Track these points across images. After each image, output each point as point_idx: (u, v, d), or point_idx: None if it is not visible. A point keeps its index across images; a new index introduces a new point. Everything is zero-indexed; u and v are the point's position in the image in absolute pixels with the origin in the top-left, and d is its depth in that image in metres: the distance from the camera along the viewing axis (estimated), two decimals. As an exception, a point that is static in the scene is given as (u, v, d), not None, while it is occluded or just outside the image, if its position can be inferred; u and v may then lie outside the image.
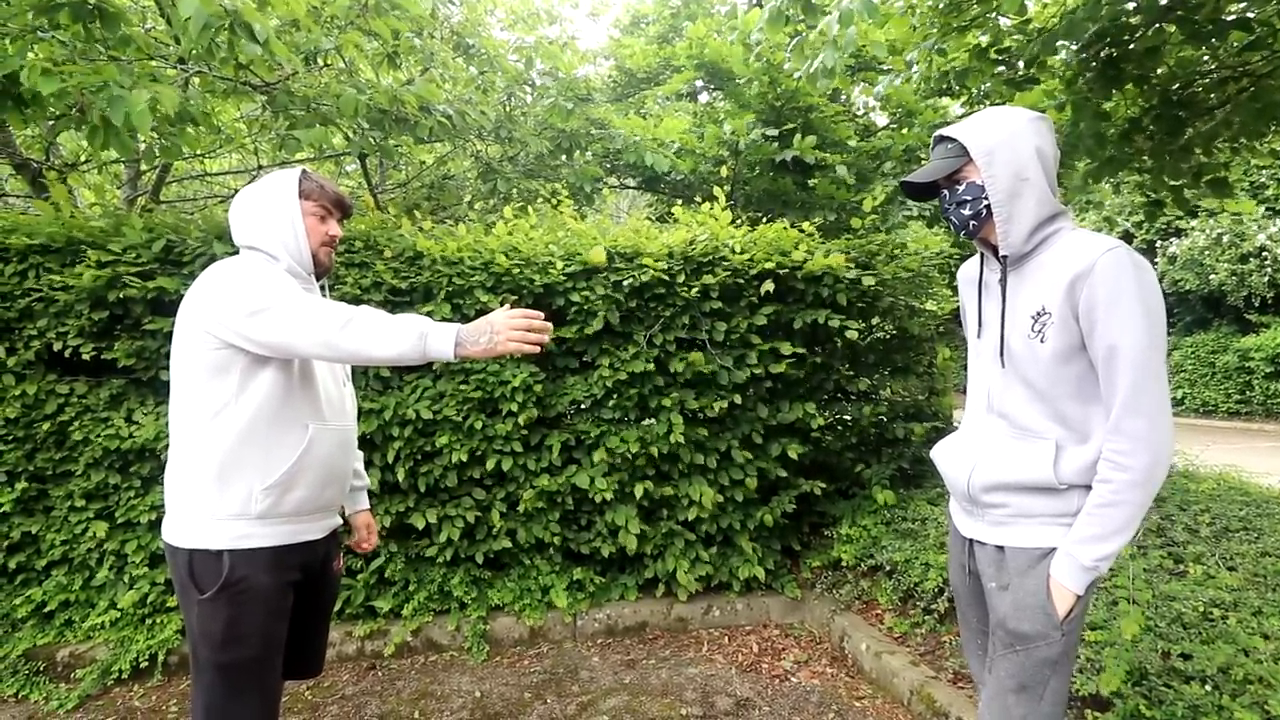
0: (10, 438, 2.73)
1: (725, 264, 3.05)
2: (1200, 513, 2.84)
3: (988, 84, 2.86)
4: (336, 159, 4.38)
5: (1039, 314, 1.30)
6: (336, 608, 2.95)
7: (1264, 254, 12.58)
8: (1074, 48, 2.49)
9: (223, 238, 2.79)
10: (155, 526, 2.83)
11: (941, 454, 1.57)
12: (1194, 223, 13.65)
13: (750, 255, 3.08)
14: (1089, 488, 1.29)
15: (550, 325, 1.42)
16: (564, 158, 4.37)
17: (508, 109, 4.05)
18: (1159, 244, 13.95)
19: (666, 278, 2.97)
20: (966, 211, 1.36)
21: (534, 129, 4.11)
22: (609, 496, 3.03)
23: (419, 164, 4.74)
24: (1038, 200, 1.31)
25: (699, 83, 5.13)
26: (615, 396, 3.06)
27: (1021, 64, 2.66)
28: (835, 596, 3.26)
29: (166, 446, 2.80)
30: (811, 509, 3.56)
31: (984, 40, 2.65)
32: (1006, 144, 1.31)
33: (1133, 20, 2.26)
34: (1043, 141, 1.33)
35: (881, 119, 5.77)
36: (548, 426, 3.12)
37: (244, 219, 1.51)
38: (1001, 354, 1.38)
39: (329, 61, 3.61)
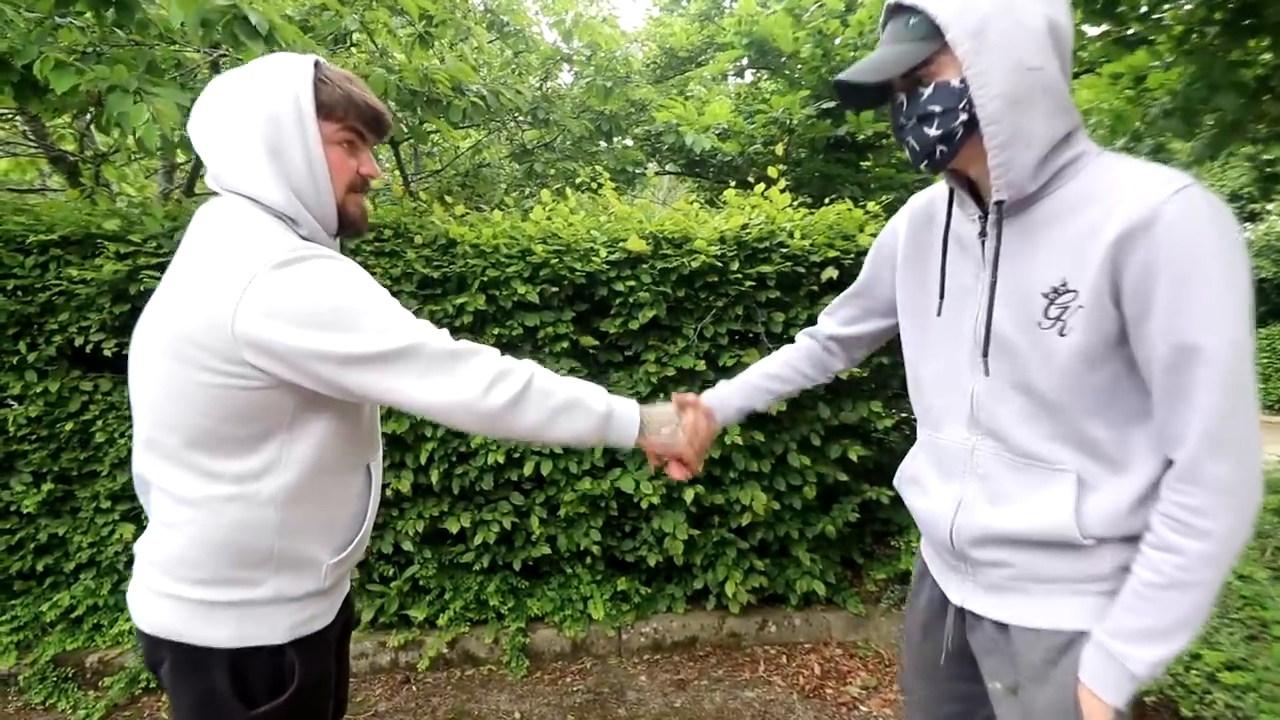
0: (34, 437, 2.63)
1: (783, 250, 2.77)
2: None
3: (1097, 44, 2.50)
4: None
5: (1057, 291, 0.86)
6: (370, 616, 2.80)
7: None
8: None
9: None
10: (182, 531, 2.71)
11: (912, 487, 1.13)
12: (1270, 206, 12.76)
13: (810, 240, 2.80)
14: (1127, 540, 0.89)
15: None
16: (603, 142, 4.15)
17: (544, 90, 3.84)
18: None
19: (719, 264, 2.71)
20: (933, 130, 0.88)
21: (571, 111, 3.89)
22: (655, 501, 2.80)
23: (453, 151, 4.57)
24: (1053, 108, 0.84)
25: (744, 61, 4.84)
26: (662, 395, 2.82)
27: (1135, 17, 2.31)
28: (903, 613, 2.98)
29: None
30: (875, 516, 3.27)
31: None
32: (1004, 14, 0.81)
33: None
34: (1056, 12, 0.84)
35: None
36: (589, 426, 2.90)
37: (225, 148, 0.97)
38: (986, 349, 0.94)
39: (357, 44, 3.44)
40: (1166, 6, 2.21)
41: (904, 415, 3.17)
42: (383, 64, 3.16)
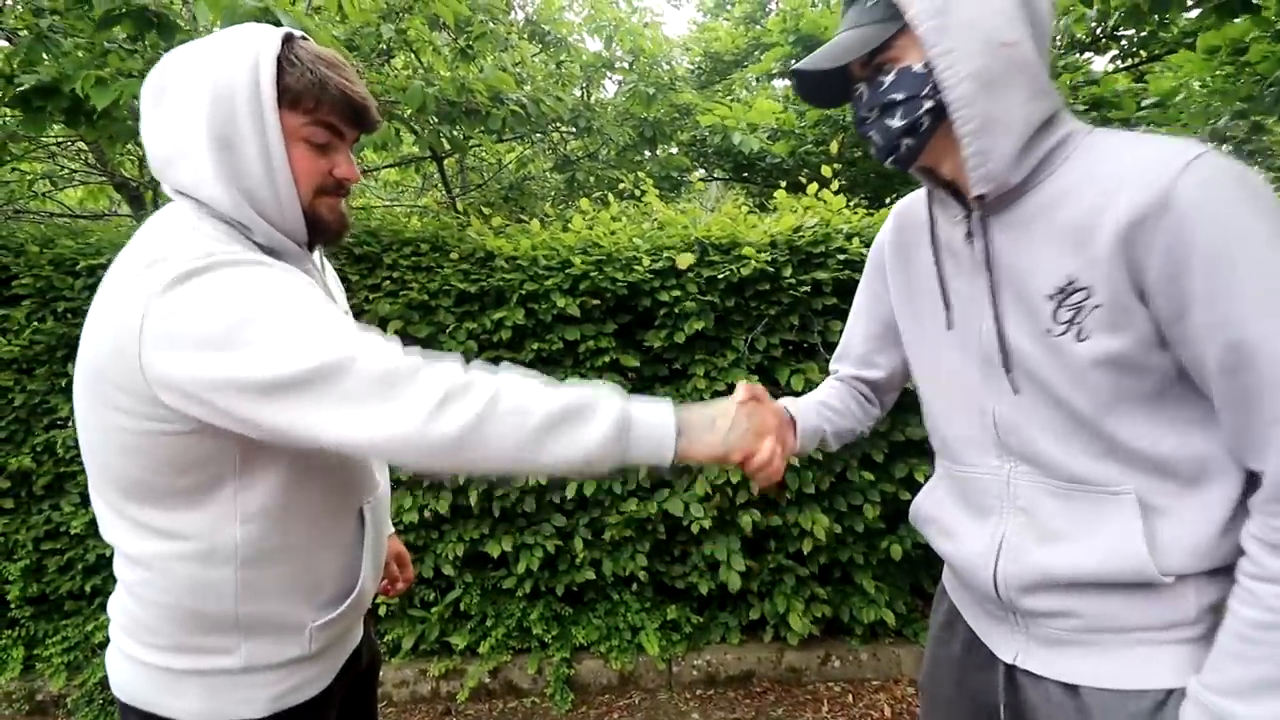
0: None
1: (840, 254, 2.57)
2: None
3: (1193, 12, 2.21)
4: (415, 164, 4.23)
5: (1065, 291, 0.74)
6: (411, 643, 2.71)
7: None
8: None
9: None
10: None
11: (931, 526, 0.98)
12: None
13: (869, 244, 2.58)
14: (1215, 573, 0.73)
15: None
16: (647, 151, 4.03)
17: (586, 98, 3.75)
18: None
19: (770, 271, 2.53)
20: (897, 121, 0.77)
21: (614, 119, 3.79)
22: (706, 525, 2.62)
23: (495, 164, 4.54)
24: (1030, 90, 0.73)
25: (791, 60, 4.66)
26: (712, 411, 2.64)
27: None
28: (924, 662, 2.70)
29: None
30: (946, 541, 3.00)
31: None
32: None
33: None
34: None
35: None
36: (635, 445, 2.75)
37: (167, 132, 0.79)
38: (1006, 366, 0.81)
39: (404, 61, 3.42)
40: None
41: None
42: (425, 77, 3.13)
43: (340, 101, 0.83)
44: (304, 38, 0.85)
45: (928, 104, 0.75)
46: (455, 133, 2.92)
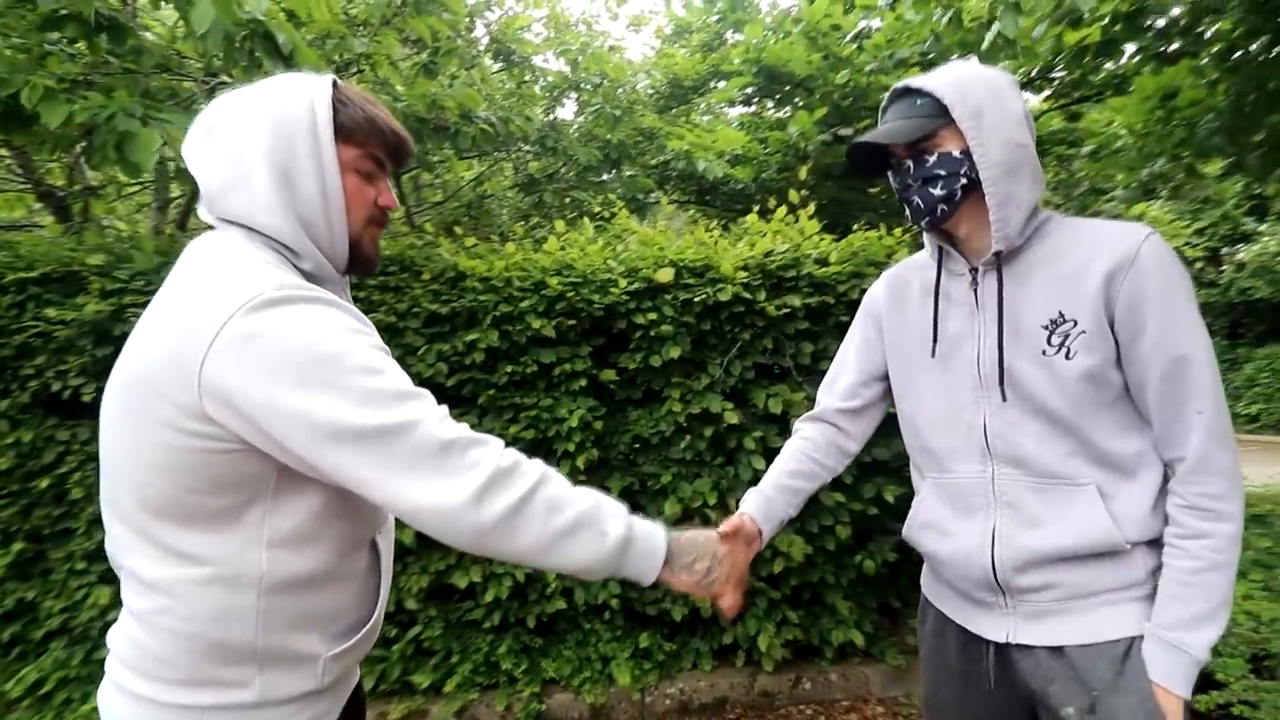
0: (4, 492, 2.41)
1: (810, 279, 2.62)
2: None
3: (1136, 58, 2.41)
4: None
5: (1055, 323, 1.00)
6: (370, 684, 2.56)
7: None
8: (1242, 7, 2.05)
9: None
10: (164, 592, 2.47)
11: (929, 531, 1.13)
12: (1263, 227, 12.86)
13: (839, 268, 2.65)
14: (1152, 543, 0.99)
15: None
16: (612, 171, 4.04)
17: (551, 119, 3.74)
18: (1224, 251, 13.16)
19: (746, 295, 2.55)
20: (938, 191, 1.02)
21: (578, 140, 3.79)
22: (681, 550, 2.59)
23: (456, 182, 4.46)
24: (1033, 178, 1.02)
25: (749, 89, 4.79)
26: (686, 435, 2.64)
27: (1176, 32, 2.22)
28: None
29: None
30: (910, 559, 3.07)
31: (1125, 6, 2.21)
32: (994, 102, 0.99)
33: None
34: (1024, 105, 1.05)
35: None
36: (608, 469, 2.71)
37: (226, 168, 0.83)
38: (1001, 382, 1.03)
39: (361, 69, 3.32)
40: (1209, 18, 2.12)
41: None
42: (386, 93, 3.05)
43: (388, 135, 0.91)
44: (344, 83, 0.92)
45: (963, 180, 1.01)
46: (424, 151, 2.84)
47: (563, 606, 2.65)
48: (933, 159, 1.02)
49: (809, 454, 1.29)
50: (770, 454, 2.64)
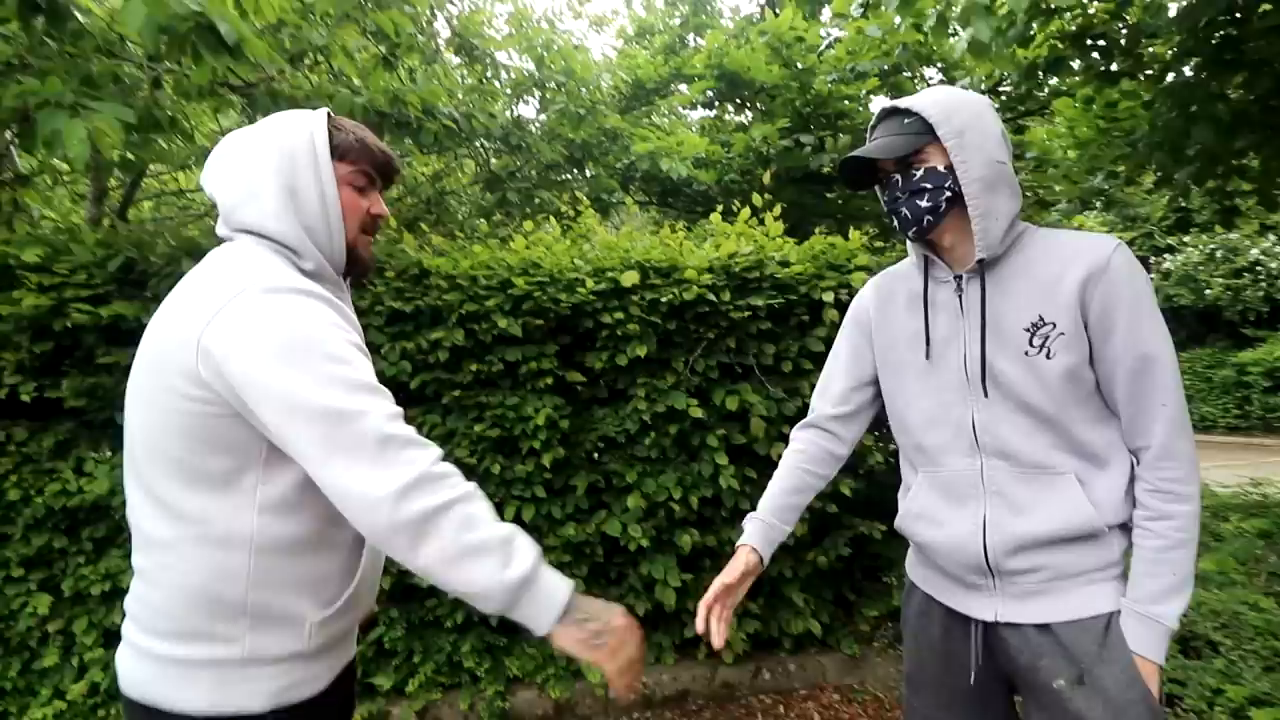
0: (-67, 496, 2.27)
1: (774, 280, 2.69)
2: None
3: (1079, 78, 2.55)
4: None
5: (1036, 326, 1.08)
6: (328, 688, 2.51)
7: (1258, 269, 12.62)
8: (1176, 31, 2.20)
9: (194, 254, 2.38)
10: (110, 599, 2.37)
11: (921, 521, 1.21)
12: (1187, 238, 13.68)
13: (801, 270, 2.73)
14: (1123, 527, 1.09)
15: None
16: (575, 170, 4.04)
17: (514, 116, 3.71)
18: (1152, 260, 13.96)
19: (710, 296, 2.60)
20: (924, 203, 1.11)
21: (542, 138, 3.77)
22: (645, 544, 2.63)
23: (414, 179, 4.38)
24: (1011, 193, 1.11)
25: (710, 93, 4.86)
26: (651, 432, 2.67)
27: (1117, 52, 2.36)
28: (899, 653, 2.87)
29: (124, 503, 2.39)
30: (864, 551, 3.18)
31: (1073, 26, 2.35)
32: (975, 123, 1.09)
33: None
34: (1002, 127, 1.14)
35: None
36: (574, 467, 2.72)
37: (240, 185, 0.96)
38: (984, 379, 1.12)
39: (317, 61, 3.24)
40: (1146, 42, 2.27)
41: (893, 449, 3.11)
42: (347, 84, 2.99)
43: (375, 154, 1.04)
44: (335, 115, 1.06)
45: (947, 193, 1.10)
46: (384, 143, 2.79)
47: (527, 605, 2.65)
48: (919, 173, 1.10)
49: (804, 468, 1.35)
50: (732, 451, 2.71)
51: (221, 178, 0.98)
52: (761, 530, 1.30)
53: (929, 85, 4.23)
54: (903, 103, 1.12)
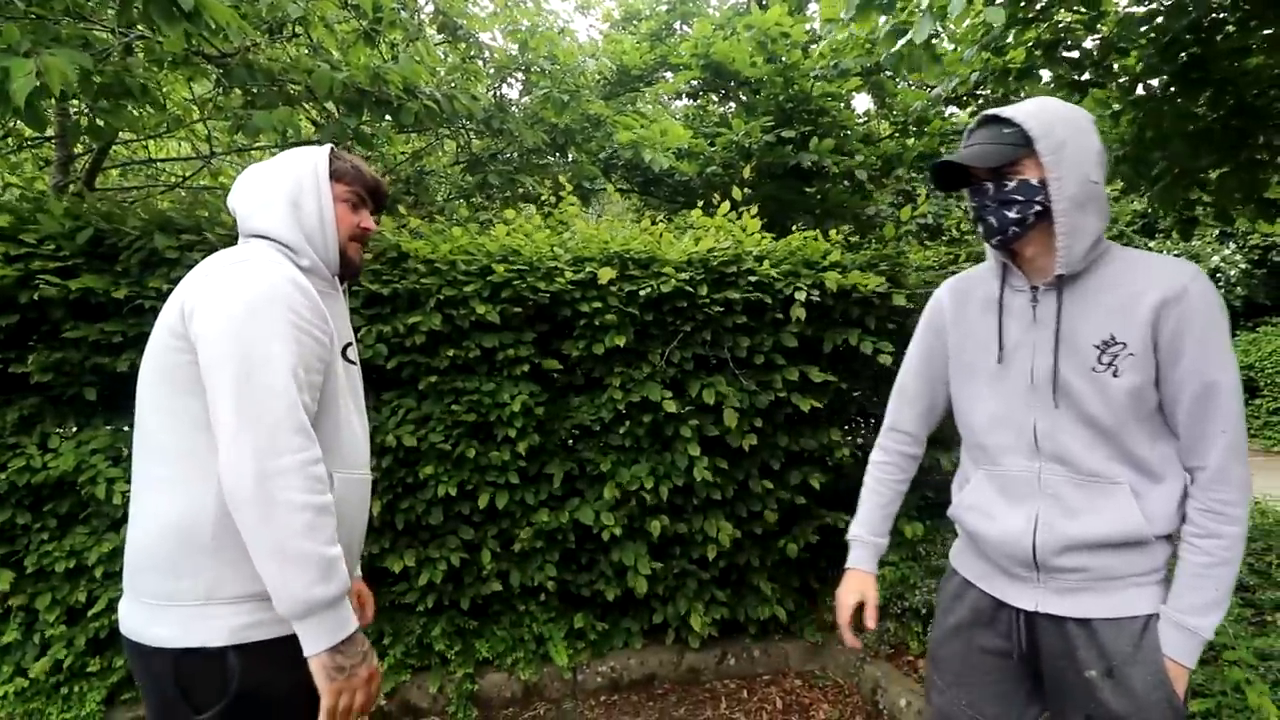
0: (-111, 469, 2.22)
1: (751, 276, 2.72)
2: (1263, 551, 2.64)
3: (1049, 88, 2.61)
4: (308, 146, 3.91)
5: (1107, 344, 1.13)
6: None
7: (1218, 275, 13.01)
8: (1145, 47, 2.26)
9: (166, 228, 2.34)
10: (73, 576, 2.35)
11: (975, 513, 1.29)
12: (1150, 243, 14.03)
13: (778, 267, 2.77)
14: (1169, 538, 1.15)
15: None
16: (557, 155, 4.02)
17: (497, 98, 3.67)
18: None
19: (688, 289, 2.63)
20: (1012, 214, 1.13)
21: (525, 121, 3.74)
22: (617, 533, 2.67)
23: (394, 158, 4.32)
24: (1100, 212, 1.13)
25: (695, 82, 4.85)
26: (626, 422, 2.70)
27: (1088, 64, 2.42)
28: (860, 639, 2.96)
29: (90, 480, 2.35)
30: (830, 541, 3.26)
31: (1047, 35, 2.40)
32: (1076, 140, 1.10)
33: (1224, 13, 2.04)
34: (1101, 145, 1.15)
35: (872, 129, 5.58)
36: (549, 454, 2.75)
37: (254, 199, 1.17)
38: (1054, 391, 1.17)
39: (296, 33, 3.17)
40: (1114, 55, 2.33)
41: (860, 443, 3.18)
42: (328, 59, 2.93)
43: (365, 179, 1.25)
44: (339, 150, 1.27)
45: (1036, 207, 1.12)
46: (363, 125, 2.75)
47: (498, 589, 2.68)
48: (1012, 184, 1.12)
49: (893, 480, 1.46)
50: (706, 443, 2.75)
51: (243, 195, 1.19)
52: (871, 552, 1.43)
53: (910, 86, 4.26)
54: (1004, 111, 1.14)
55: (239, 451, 0.94)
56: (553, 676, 2.74)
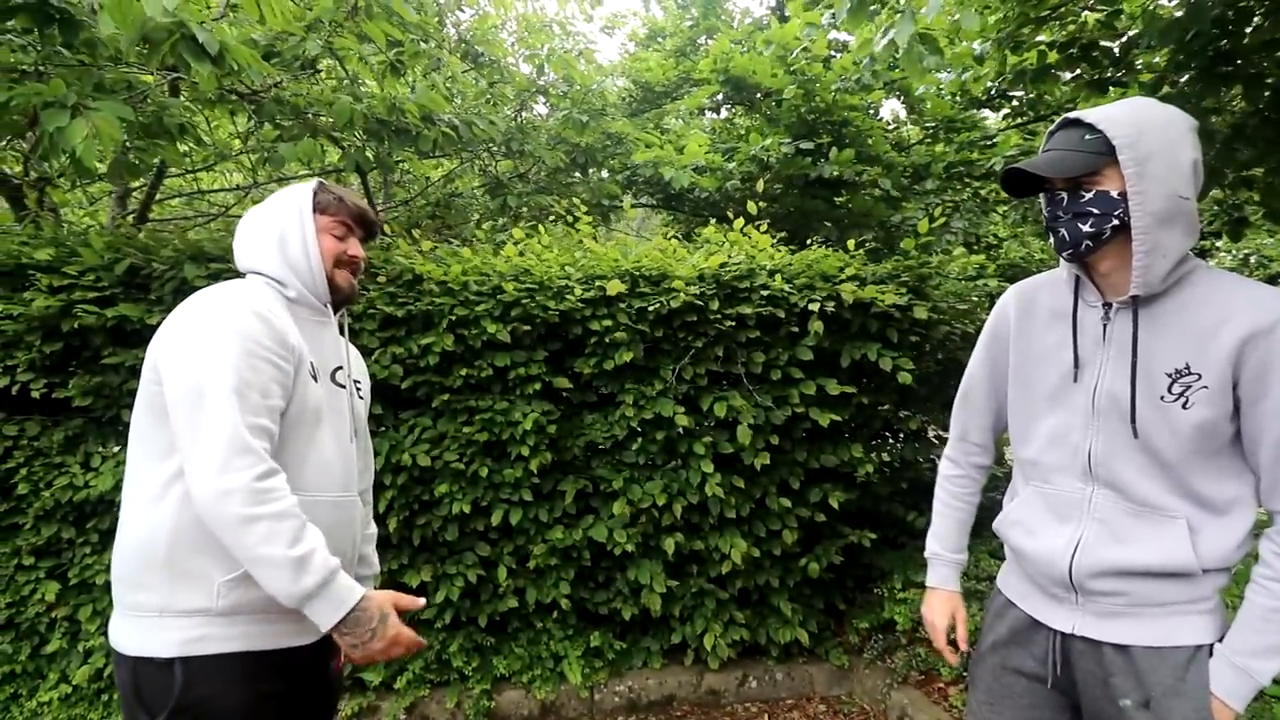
0: (-52, 487, 2.39)
1: (764, 290, 2.69)
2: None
3: (1068, 87, 2.51)
4: (335, 174, 4.09)
5: (1180, 373, 1.04)
6: (319, 681, 2.58)
7: (1297, 277, 12.18)
8: (1168, 43, 2.15)
9: (197, 258, 2.46)
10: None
11: (1018, 529, 1.23)
12: (1219, 243, 13.25)
13: (792, 282, 2.72)
14: (1223, 571, 1.08)
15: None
16: (579, 174, 4.07)
17: (519, 121, 3.75)
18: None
19: (698, 304, 2.61)
20: (1087, 227, 1.04)
21: (547, 143, 3.81)
22: (630, 550, 2.66)
23: (424, 181, 4.46)
24: (1187, 230, 1.03)
25: (720, 96, 4.85)
26: (639, 439, 2.70)
27: (1108, 62, 2.32)
28: (888, 665, 2.86)
29: (128, 496, 2.49)
30: (856, 561, 3.16)
31: (1062, 35, 2.31)
32: (1165, 151, 1.00)
33: (1251, 4, 1.92)
34: (1198, 154, 1.04)
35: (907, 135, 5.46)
36: (561, 471, 2.76)
37: (247, 239, 1.28)
38: (1133, 420, 1.08)
39: (328, 69, 3.32)
40: (1136, 52, 2.22)
41: (885, 459, 3.09)
42: (351, 91, 3.05)
43: (350, 209, 1.31)
44: (328, 183, 1.36)
45: (1114, 221, 1.03)
46: (383, 151, 2.86)
47: (515, 605, 2.70)
48: (1089, 196, 1.04)
49: (966, 494, 1.42)
50: (720, 460, 2.71)
51: (240, 237, 1.29)
52: (952, 570, 1.39)
53: (928, 89, 4.12)
54: (1088, 115, 1.05)
55: (196, 475, 1.01)
56: (570, 695, 2.73)
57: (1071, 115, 1.08)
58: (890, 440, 3.29)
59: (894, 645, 2.92)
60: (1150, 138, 1.00)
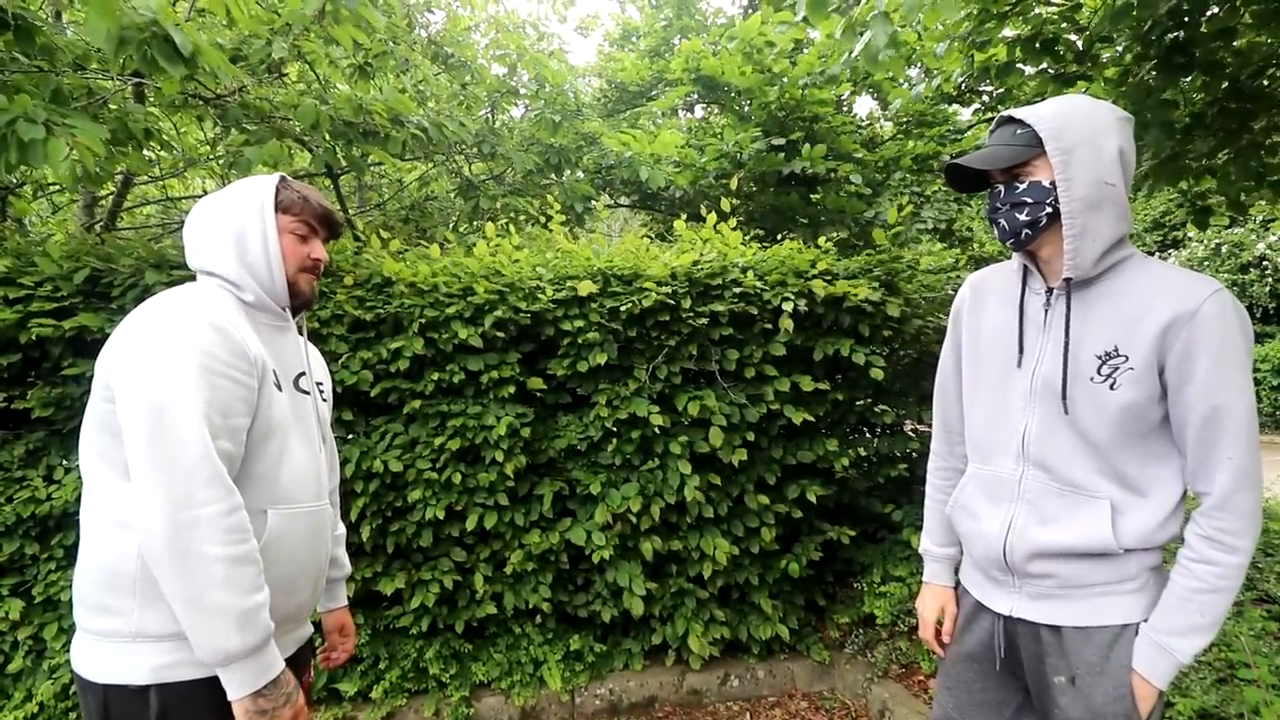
0: (-97, 505, 2.32)
1: (736, 287, 2.69)
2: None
3: (1034, 82, 2.54)
4: (309, 179, 4.04)
5: (1108, 355, 1.09)
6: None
7: (1264, 263, 12.45)
8: (1128, 35, 2.18)
9: (159, 265, 2.42)
10: (77, 605, 2.41)
11: (963, 513, 1.30)
12: (1191, 233, 13.50)
13: (764, 278, 2.72)
14: (1148, 550, 1.12)
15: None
16: (553, 175, 4.06)
17: (491, 122, 3.72)
18: (1158, 255, 13.80)
19: (670, 302, 2.61)
20: (1023, 216, 1.12)
21: (520, 144, 3.79)
22: (608, 555, 2.64)
23: (397, 184, 4.41)
24: (1116, 216, 1.09)
25: (693, 96, 4.86)
26: (614, 439, 2.68)
27: (1072, 57, 2.34)
28: (869, 660, 2.86)
29: (93, 510, 2.43)
30: (835, 556, 3.18)
31: (1025, 30, 2.34)
32: (1089, 141, 1.07)
33: (1207, -5, 1.96)
34: (1126, 144, 1.11)
35: (878, 131, 5.50)
36: (537, 474, 2.74)
37: (199, 236, 1.17)
38: (1064, 398, 1.13)
39: (297, 73, 3.28)
40: (1099, 46, 2.25)
41: (862, 454, 3.10)
42: (317, 94, 3.02)
43: (314, 208, 1.22)
44: (290, 178, 1.25)
45: (1047, 209, 1.10)
46: (353, 152, 2.82)
47: (493, 611, 2.67)
48: (1023, 186, 1.11)
49: (952, 486, 1.41)
50: (696, 458, 2.71)
51: (191, 230, 1.19)
52: (945, 565, 1.41)
53: (901, 84, 4.17)
54: (1018, 112, 1.12)
55: (152, 504, 0.95)
56: (550, 699, 2.70)
57: (1006, 114, 1.15)
58: (866, 435, 3.30)
59: (874, 640, 2.92)
60: (1075, 129, 1.06)
